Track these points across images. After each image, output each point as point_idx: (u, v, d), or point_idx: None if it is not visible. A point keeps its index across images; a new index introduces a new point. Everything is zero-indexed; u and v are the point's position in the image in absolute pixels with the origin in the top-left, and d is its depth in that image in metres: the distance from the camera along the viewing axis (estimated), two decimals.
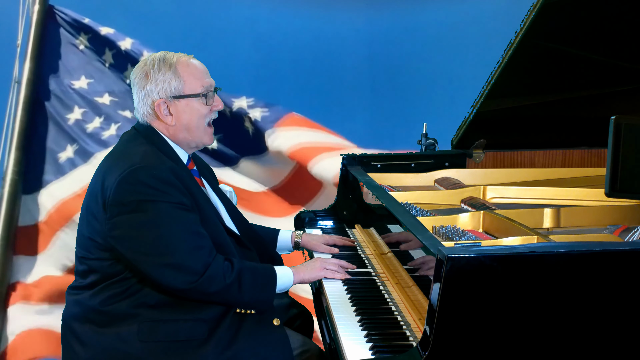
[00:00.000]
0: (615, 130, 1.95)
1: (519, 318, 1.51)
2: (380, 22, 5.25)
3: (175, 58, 2.21)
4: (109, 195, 2.06)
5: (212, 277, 2.05)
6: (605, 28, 2.54)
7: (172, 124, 2.21)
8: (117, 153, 2.21)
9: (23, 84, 4.40)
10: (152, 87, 2.18)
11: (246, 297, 2.12)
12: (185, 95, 2.20)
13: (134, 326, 2.07)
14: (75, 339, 2.13)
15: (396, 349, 1.76)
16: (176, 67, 2.19)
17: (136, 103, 2.24)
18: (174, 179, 2.09)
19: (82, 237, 2.18)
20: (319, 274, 2.30)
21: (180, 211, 2.07)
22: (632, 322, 1.53)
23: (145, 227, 2.05)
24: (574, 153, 3.08)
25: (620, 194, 2.00)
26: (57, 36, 4.60)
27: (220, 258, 2.10)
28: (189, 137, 2.24)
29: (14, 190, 4.28)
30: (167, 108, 2.19)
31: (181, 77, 2.19)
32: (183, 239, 2.05)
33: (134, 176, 2.05)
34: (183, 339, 2.07)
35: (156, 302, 2.09)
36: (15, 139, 4.34)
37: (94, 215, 2.12)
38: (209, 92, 2.23)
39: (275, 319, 2.17)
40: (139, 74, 2.21)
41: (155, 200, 2.05)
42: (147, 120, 2.23)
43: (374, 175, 2.86)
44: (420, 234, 1.86)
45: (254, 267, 2.18)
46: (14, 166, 4.30)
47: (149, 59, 2.22)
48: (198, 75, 2.22)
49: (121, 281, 2.11)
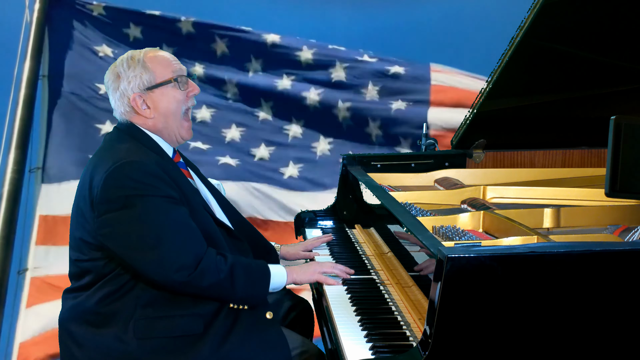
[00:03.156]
0: (615, 130, 1.95)
1: (519, 318, 1.51)
2: (380, 21, 5.25)
3: (142, 53, 2.23)
4: (97, 193, 2.06)
5: (205, 270, 2.05)
6: (605, 28, 2.54)
7: (151, 117, 2.22)
8: (101, 152, 2.21)
9: (23, 83, 4.40)
10: (125, 85, 2.20)
11: (239, 293, 2.11)
12: (157, 84, 2.21)
13: (129, 324, 2.07)
14: (72, 341, 2.13)
15: (396, 349, 1.76)
16: (144, 61, 2.21)
17: (113, 104, 2.25)
18: (160, 171, 2.09)
19: (75, 240, 2.17)
20: (312, 278, 2.29)
21: (168, 204, 2.07)
22: (632, 322, 1.53)
23: (134, 223, 2.04)
24: (574, 153, 3.08)
25: (620, 194, 2.00)
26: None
27: (212, 252, 2.10)
28: (168, 128, 2.24)
29: (14, 188, 4.28)
30: (143, 102, 2.21)
31: (150, 69, 2.21)
32: (173, 233, 2.05)
33: (119, 171, 2.05)
34: (179, 334, 2.07)
35: (151, 298, 2.09)
36: (14, 139, 4.34)
37: (83, 216, 2.12)
38: (180, 77, 2.24)
39: (268, 312, 2.17)
40: (110, 77, 2.24)
41: (143, 194, 2.04)
42: (127, 117, 2.24)
43: (374, 175, 2.86)
44: (420, 234, 1.86)
45: (247, 263, 2.17)
46: (14, 165, 4.30)
47: (117, 61, 2.25)
48: (166, 63, 2.24)
49: (115, 278, 2.10)
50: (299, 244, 2.69)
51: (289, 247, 2.64)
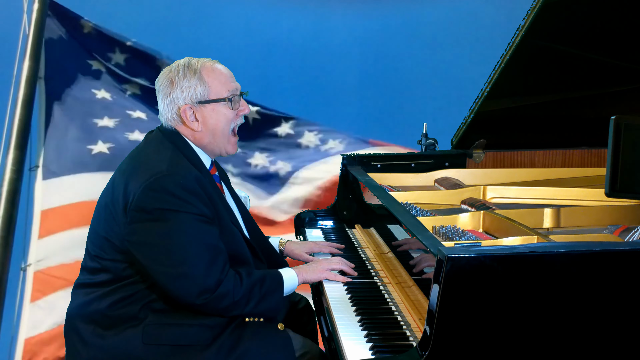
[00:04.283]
0: (615, 130, 1.95)
1: (519, 318, 1.51)
2: (379, 21, 5.25)
3: (200, 64, 2.20)
4: (132, 200, 2.05)
5: (223, 294, 2.05)
6: (605, 28, 2.54)
7: (198, 130, 2.21)
8: (142, 156, 2.19)
9: (22, 83, 4.40)
10: (177, 94, 2.18)
11: (254, 309, 2.12)
12: (210, 100, 2.19)
13: (138, 329, 2.07)
14: (78, 338, 2.13)
15: (396, 349, 1.76)
16: (201, 73, 2.19)
17: (161, 108, 2.23)
18: (199, 189, 2.08)
19: (97, 235, 2.16)
20: (322, 276, 2.29)
21: (201, 223, 2.07)
22: (632, 322, 1.53)
23: (164, 237, 2.04)
24: (574, 153, 3.08)
25: (620, 194, 2.00)
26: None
27: (231, 274, 2.10)
28: (213, 143, 2.23)
29: (12, 188, 4.28)
30: (193, 114, 2.19)
31: (206, 83, 2.18)
32: (200, 253, 2.04)
33: (160, 184, 2.04)
34: (187, 343, 2.07)
35: (163, 307, 2.10)
36: (14, 139, 4.34)
37: (112, 216, 2.11)
38: (234, 96, 2.22)
39: (280, 323, 2.17)
40: (164, 82, 2.21)
41: (178, 210, 2.04)
42: (172, 124, 2.22)
43: (374, 175, 2.86)
44: (420, 234, 1.86)
45: (262, 277, 2.16)
46: (12, 165, 4.31)
47: (173, 66, 2.22)
48: (223, 80, 2.22)
49: (131, 284, 2.11)
50: (305, 245, 2.65)
51: (294, 246, 2.62)
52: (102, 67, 4.70)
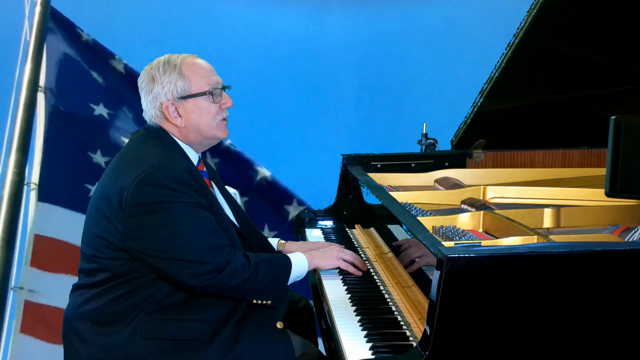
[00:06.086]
0: (615, 130, 1.95)
1: (519, 318, 1.51)
2: (379, 21, 5.25)
3: (179, 59, 2.21)
4: (127, 196, 2.05)
5: (232, 272, 2.07)
6: (605, 28, 2.54)
7: (182, 126, 2.21)
8: (130, 154, 2.20)
9: (24, 84, 4.39)
10: (159, 90, 2.19)
11: (262, 289, 2.13)
12: (191, 94, 2.20)
13: (138, 325, 2.07)
14: (76, 337, 2.13)
15: (396, 349, 1.76)
16: (181, 68, 2.19)
17: (144, 106, 2.24)
18: (191, 179, 2.10)
19: (91, 235, 2.17)
20: (335, 263, 2.31)
21: (198, 210, 2.09)
22: (632, 322, 1.53)
23: (165, 227, 2.06)
24: (574, 153, 3.08)
25: (620, 194, 2.00)
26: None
27: (238, 253, 2.12)
28: (200, 137, 2.24)
29: (14, 191, 4.26)
30: (175, 110, 2.20)
31: (187, 77, 2.19)
32: (203, 236, 2.07)
33: (153, 178, 2.05)
34: (186, 338, 2.07)
35: (161, 302, 2.10)
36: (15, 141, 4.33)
37: (104, 216, 2.11)
38: (215, 89, 2.23)
39: (279, 322, 2.18)
40: (145, 78, 2.22)
41: (174, 201, 2.05)
42: (156, 122, 2.23)
43: (374, 175, 2.86)
44: (420, 234, 1.86)
45: (269, 259, 2.19)
46: (15, 167, 4.29)
47: (154, 63, 2.23)
48: (203, 73, 2.22)
49: (130, 281, 2.11)
50: (304, 245, 2.62)
51: (294, 247, 2.61)
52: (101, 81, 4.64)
